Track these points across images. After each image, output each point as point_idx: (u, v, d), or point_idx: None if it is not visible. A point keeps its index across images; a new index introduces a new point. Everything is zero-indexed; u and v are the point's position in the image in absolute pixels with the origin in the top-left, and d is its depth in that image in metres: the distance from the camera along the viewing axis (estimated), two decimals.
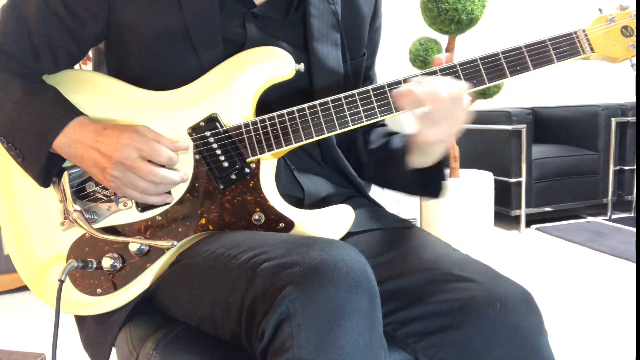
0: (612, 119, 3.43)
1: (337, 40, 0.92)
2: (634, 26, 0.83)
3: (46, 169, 0.80)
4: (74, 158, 0.79)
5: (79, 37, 0.83)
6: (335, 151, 0.95)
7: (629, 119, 3.47)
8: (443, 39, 2.99)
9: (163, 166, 0.78)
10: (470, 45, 3.30)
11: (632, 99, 3.68)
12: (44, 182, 0.82)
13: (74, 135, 0.78)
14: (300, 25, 0.89)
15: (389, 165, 0.96)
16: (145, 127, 0.79)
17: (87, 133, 0.78)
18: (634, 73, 0.87)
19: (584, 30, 0.83)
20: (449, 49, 2.97)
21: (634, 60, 0.84)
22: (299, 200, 0.90)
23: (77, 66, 0.91)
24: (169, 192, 0.81)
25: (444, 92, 0.76)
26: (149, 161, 0.76)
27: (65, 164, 0.83)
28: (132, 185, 0.77)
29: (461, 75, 0.81)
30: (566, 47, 0.82)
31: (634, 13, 0.83)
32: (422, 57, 2.92)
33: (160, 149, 0.76)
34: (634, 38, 0.82)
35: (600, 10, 0.84)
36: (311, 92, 0.89)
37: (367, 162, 1.00)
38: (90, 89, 0.84)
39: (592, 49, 0.83)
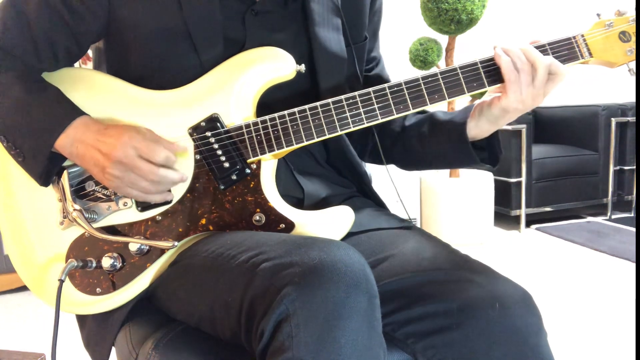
0: (612, 119, 3.43)
1: (337, 24, 0.92)
2: (631, 31, 0.83)
3: (47, 169, 0.80)
4: (76, 158, 0.79)
5: (78, 34, 0.83)
6: (344, 143, 0.95)
7: (629, 119, 3.47)
8: (443, 39, 2.99)
9: (163, 166, 0.78)
10: (470, 46, 3.31)
11: (632, 99, 3.68)
12: (45, 181, 0.82)
13: (75, 135, 0.78)
14: (300, 13, 0.89)
15: (434, 138, 0.94)
16: (146, 128, 0.79)
17: (88, 133, 0.78)
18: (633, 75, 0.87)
19: (582, 35, 0.84)
20: (449, 49, 2.97)
21: (630, 65, 0.85)
22: (299, 200, 0.90)
23: (77, 65, 0.91)
24: (169, 191, 0.81)
25: (545, 59, 0.79)
26: (148, 161, 0.76)
27: (65, 163, 0.83)
28: (131, 185, 0.77)
29: (461, 80, 0.81)
30: (565, 51, 0.83)
31: (632, 19, 0.84)
32: (422, 57, 2.92)
33: (157, 148, 0.77)
34: (631, 43, 0.83)
35: (598, 15, 0.85)
36: (315, 78, 0.89)
37: (391, 143, 1.01)
38: (90, 87, 0.84)
39: (590, 54, 0.84)
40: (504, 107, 0.83)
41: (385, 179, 1.11)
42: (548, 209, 3.41)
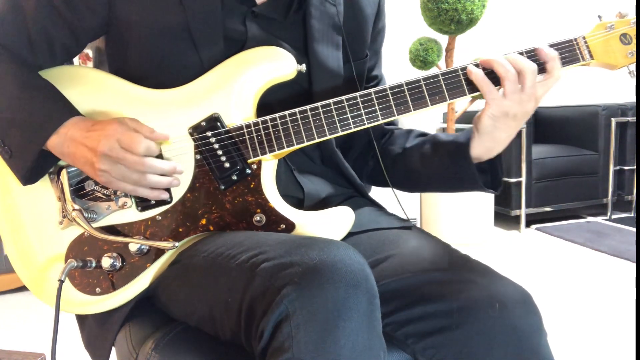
0: (612, 119, 3.43)
1: (338, 41, 0.91)
2: (632, 34, 0.83)
3: (34, 168, 0.79)
4: (67, 157, 0.79)
5: (77, 31, 0.83)
6: (335, 154, 0.95)
7: (629, 119, 3.47)
8: (443, 39, 2.99)
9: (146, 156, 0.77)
10: (470, 45, 3.31)
11: (632, 99, 3.68)
12: (28, 180, 0.81)
13: (67, 134, 0.77)
14: (301, 26, 0.89)
15: (437, 158, 0.92)
16: (130, 118, 0.78)
17: (78, 130, 0.77)
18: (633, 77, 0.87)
19: (583, 37, 0.83)
20: (449, 49, 2.97)
21: (631, 67, 0.84)
22: (299, 200, 0.90)
23: (76, 63, 0.91)
24: (169, 191, 0.81)
25: (532, 65, 0.78)
26: (131, 152, 0.75)
27: (63, 163, 0.83)
28: (121, 178, 0.76)
29: (463, 81, 0.81)
30: (566, 53, 0.83)
31: (633, 21, 0.83)
32: (422, 57, 2.92)
33: (137, 138, 0.75)
34: (632, 46, 0.83)
35: (599, 17, 0.85)
36: (311, 94, 0.89)
37: (392, 164, 0.99)
38: (88, 85, 0.84)
39: (591, 56, 0.83)
40: (491, 116, 0.82)
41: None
42: (548, 209, 3.41)
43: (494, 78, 0.80)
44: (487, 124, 0.83)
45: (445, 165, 0.91)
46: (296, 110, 0.80)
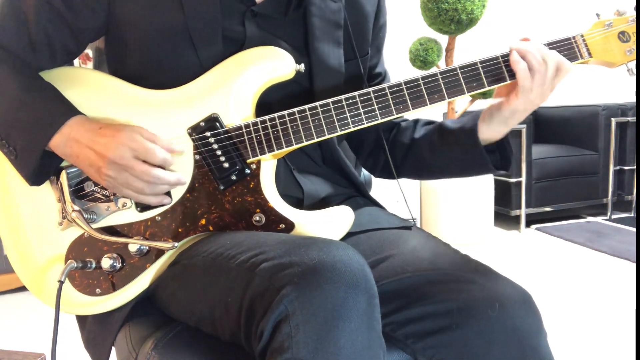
0: (612, 119, 3.43)
1: (339, 39, 0.91)
2: (630, 31, 0.83)
3: (39, 168, 0.79)
4: (70, 157, 0.79)
5: (77, 32, 0.83)
6: (336, 152, 0.95)
7: (629, 119, 3.47)
8: (443, 39, 2.99)
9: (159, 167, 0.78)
10: (470, 46, 3.31)
11: (632, 99, 3.68)
12: (35, 181, 0.81)
13: (70, 134, 0.77)
14: (301, 24, 0.89)
15: (446, 146, 0.94)
16: (141, 128, 0.79)
17: (83, 132, 0.77)
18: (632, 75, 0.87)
19: (582, 36, 0.84)
20: (449, 49, 2.97)
21: (630, 65, 0.85)
22: (299, 200, 0.90)
23: (76, 63, 0.91)
24: (169, 194, 0.81)
25: (555, 56, 0.80)
26: (144, 161, 0.76)
27: (63, 164, 0.83)
28: (126, 185, 0.76)
29: (461, 79, 0.81)
30: (565, 52, 0.83)
31: (631, 19, 0.84)
32: (422, 57, 2.92)
33: (154, 149, 0.76)
34: (630, 43, 0.83)
35: (598, 15, 0.85)
36: (312, 92, 0.89)
37: (402, 157, 1.01)
38: (88, 86, 0.84)
39: (590, 54, 0.84)
40: (513, 109, 0.83)
41: (386, 180, 1.11)
42: (548, 209, 3.41)
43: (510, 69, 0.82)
44: (505, 115, 0.85)
45: (454, 152, 0.93)
46: (295, 110, 0.80)
